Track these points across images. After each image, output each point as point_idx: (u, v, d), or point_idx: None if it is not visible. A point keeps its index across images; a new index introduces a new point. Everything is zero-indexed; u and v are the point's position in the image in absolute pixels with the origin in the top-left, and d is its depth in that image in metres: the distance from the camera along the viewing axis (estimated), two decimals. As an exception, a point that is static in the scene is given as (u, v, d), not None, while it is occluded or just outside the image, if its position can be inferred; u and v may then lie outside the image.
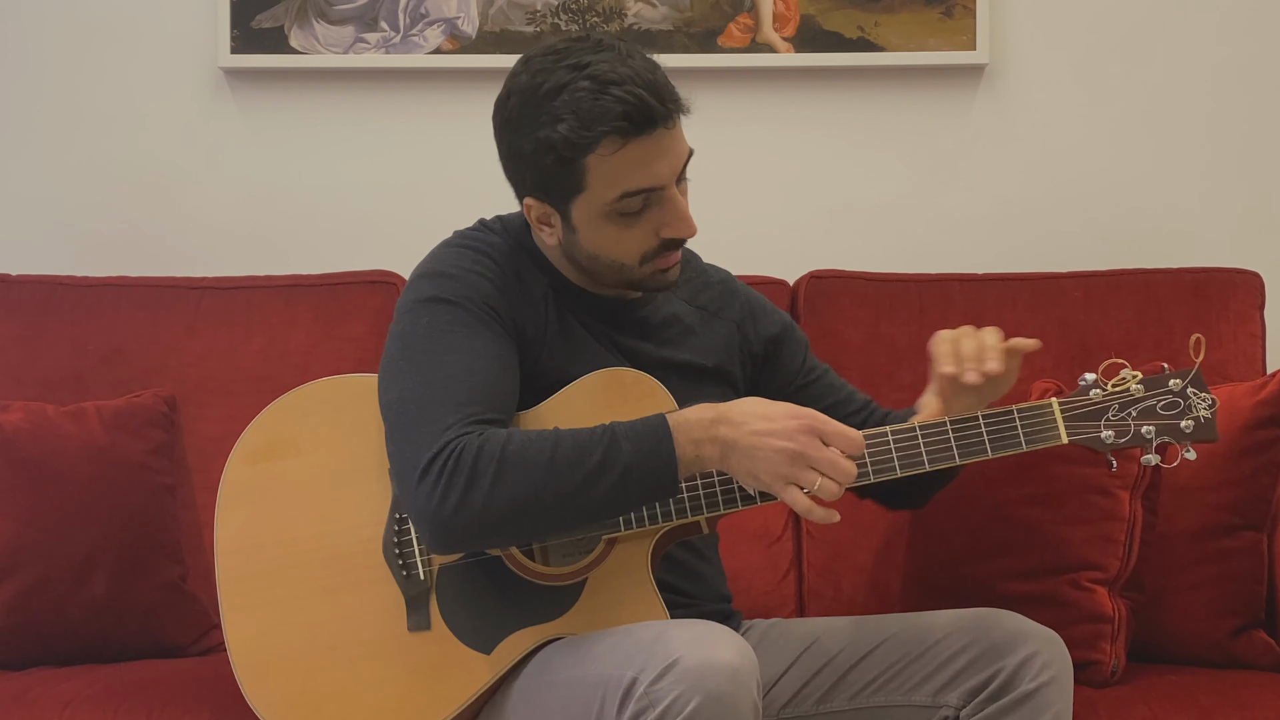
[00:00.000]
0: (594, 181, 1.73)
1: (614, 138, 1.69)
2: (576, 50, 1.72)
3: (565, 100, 1.70)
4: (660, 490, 1.66)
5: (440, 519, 1.64)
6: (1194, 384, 1.74)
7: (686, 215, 1.77)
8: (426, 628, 1.76)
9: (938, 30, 2.75)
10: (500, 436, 1.65)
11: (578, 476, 1.63)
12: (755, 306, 2.02)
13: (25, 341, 2.51)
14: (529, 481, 1.63)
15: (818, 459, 1.62)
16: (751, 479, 1.65)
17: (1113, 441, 1.73)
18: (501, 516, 1.64)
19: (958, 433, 1.73)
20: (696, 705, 1.50)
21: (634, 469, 1.64)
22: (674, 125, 1.73)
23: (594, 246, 1.79)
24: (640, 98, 1.68)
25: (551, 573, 1.76)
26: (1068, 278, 2.57)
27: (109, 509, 2.27)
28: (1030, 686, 1.69)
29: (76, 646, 2.23)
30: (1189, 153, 2.80)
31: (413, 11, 2.78)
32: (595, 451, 1.64)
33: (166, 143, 2.83)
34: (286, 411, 1.85)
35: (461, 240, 1.86)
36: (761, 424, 1.63)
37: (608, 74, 1.69)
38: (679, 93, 1.74)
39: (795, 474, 1.62)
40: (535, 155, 1.74)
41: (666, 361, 1.86)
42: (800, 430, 1.63)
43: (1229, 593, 2.19)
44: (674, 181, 1.75)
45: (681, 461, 1.65)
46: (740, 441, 1.63)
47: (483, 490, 1.62)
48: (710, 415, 1.66)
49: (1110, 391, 1.75)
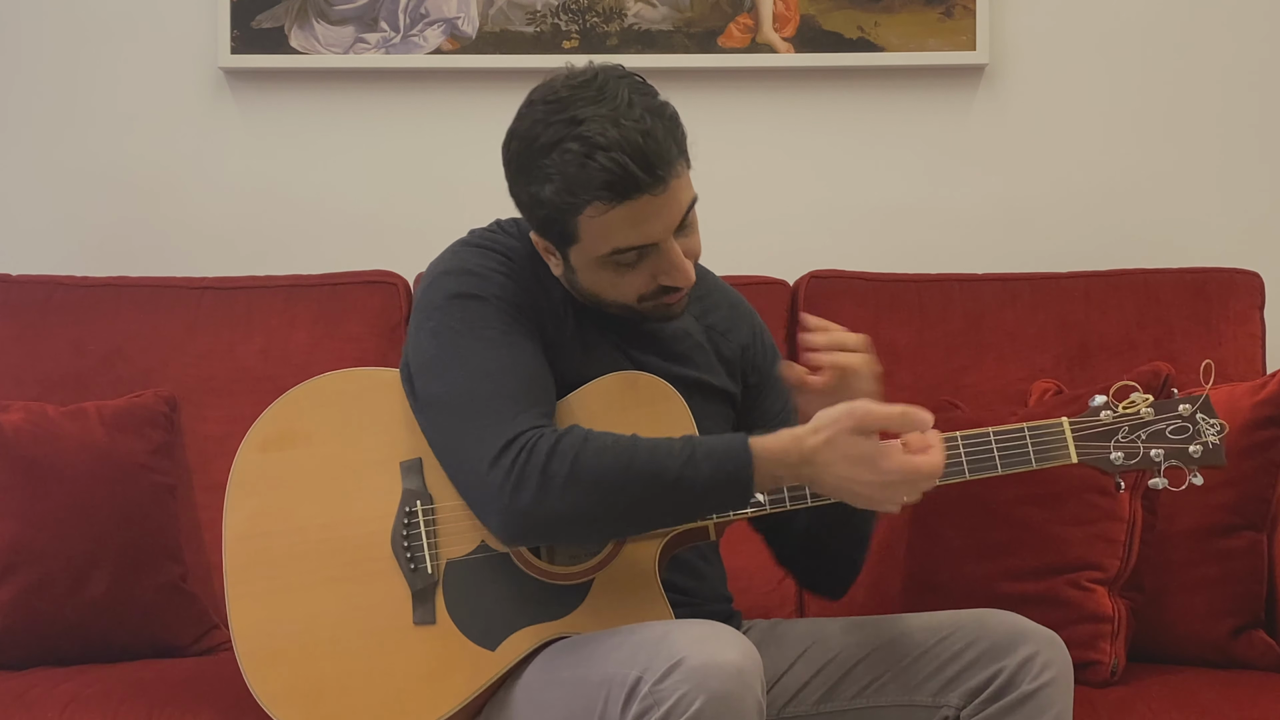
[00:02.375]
0: (585, 237, 1.72)
1: (597, 204, 1.68)
2: (577, 101, 1.68)
3: (554, 160, 1.68)
4: (730, 508, 1.71)
5: (514, 511, 1.65)
6: (1203, 409, 1.76)
7: (682, 266, 1.75)
8: (432, 622, 1.76)
9: (938, 30, 2.75)
10: (579, 435, 1.66)
11: (653, 488, 1.65)
12: (759, 334, 2.01)
13: (25, 341, 2.51)
14: (604, 486, 1.64)
15: (900, 485, 1.64)
16: (844, 498, 1.69)
17: (1122, 463, 1.75)
18: (572, 516, 1.65)
19: (969, 450, 1.74)
20: (701, 705, 1.50)
21: (711, 492, 1.66)
22: (664, 190, 1.69)
23: (593, 287, 1.79)
24: (625, 166, 1.65)
25: (559, 571, 1.77)
26: (1068, 278, 2.57)
27: (109, 509, 2.27)
28: (1031, 687, 1.68)
29: (76, 646, 2.23)
30: (1189, 153, 2.80)
31: (413, 12, 2.78)
32: (673, 466, 1.64)
33: (167, 143, 2.83)
34: (300, 402, 1.85)
35: (480, 240, 1.85)
36: (845, 470, 1.64)
37: (596, 137, 1.65)
38: (676, 147, 1.70)
39: (893, 498, 1.66)
40: (531, 206, 1.74)
41: (675, 376, 1.85)
42: (887, 471, 1.63)
43: (1229, 593, 2.19)
44: (669, 236, 1.73)
45: (758, 489, 1.68)
46: (826, 484, 1.66)
47: (557, 488, 1.63)
48: (795, 456, 1.66)
49: (1121, 413, 1.76)
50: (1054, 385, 2.36)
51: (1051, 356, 2.50)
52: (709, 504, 1.69)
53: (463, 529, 1.77)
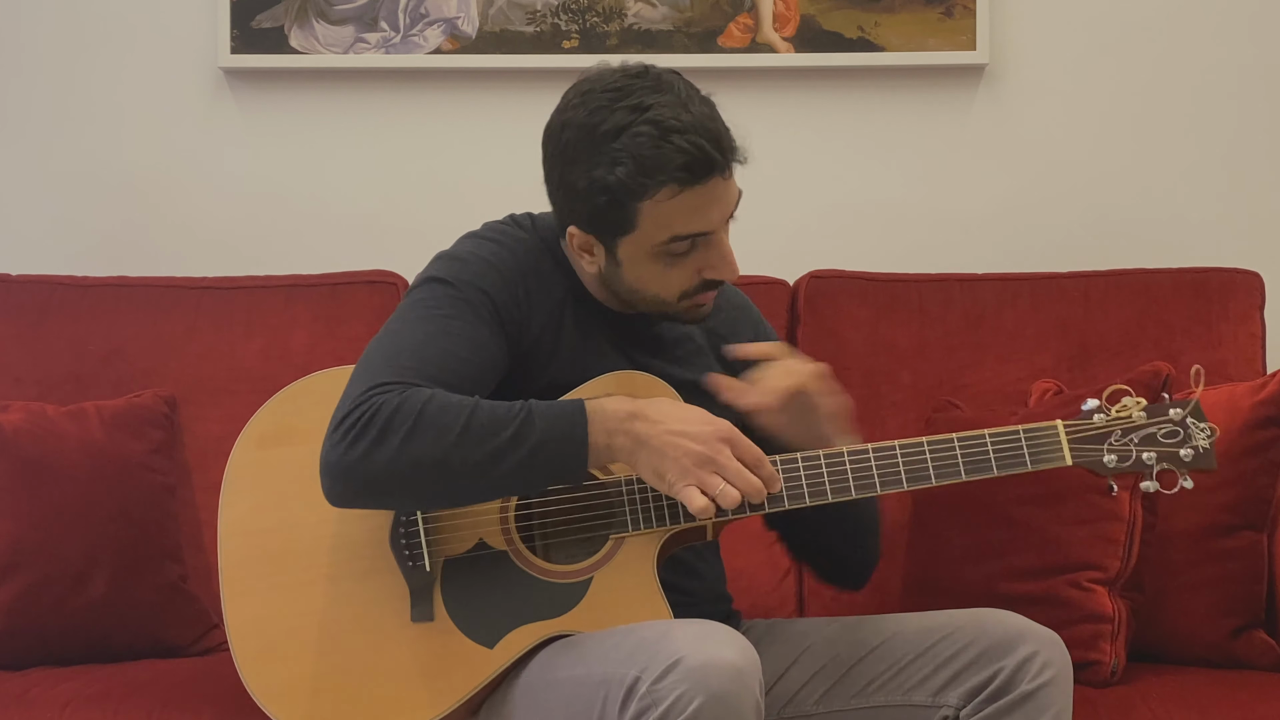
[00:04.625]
0: (645, 223, 1.72)
1: (672, 186, 1.69)
2: (637, 90, 1.70)
3: (625, 143, 1.68)
4: (566, 473, 1.68)
5: (341, 467, 1.64)
6: (1194, 414, 1.77)
7: (731, 260, 1.78)
8: (430, 619, 1.76)
9: (938, 30, 2.75)
10: (421, 395, 1.65)
11: (488, 447, 1.64)
12: (763, 337, 2.01)
13: (25, 341, 2.51)
14: (440, 444, 1.63)
15: (725, 467, 1.65)
16: (656, 477, 1.67)
17: (1115, 466, 1.76)
18: (405, 474, 1.64)
19: (965, 452, 1.74)
20: (699, 705, 1.50)
21: (543, 447, 1.64)
22: (730, 175, 1.73)
23: (636, 282, 1.79)
24: (702, 148, 1.68)
25: (557, 570, 1.76)
26: (1068, 278, 2.57)
27: (109, 509, 2.27)
28: (1030, 686, 1.68)
29: (76, 646, 2.23)
30: (1189, 153, 2.80)
31: (413, 11, 2.78)
32: (509, 425, 1.64)
33: (167, 143, 2.83)
34: (296, 399, 1.85)
35: (487, 231, 1.86)
36: (677, 424, 1.66)
37: (669, 120, 1.67)
38: (736, 140, 1.74)
39: (701, 476, 1.65)
40: (588, 193, 1.72)
41: (676, 380, 1.85)
42: (714, 436, 1.66)
43: (1229, 593, 2.19)
44: (722, 225, 1.76)
45: (592, 449, 1.66)
46: (653, 439, 1.65)
47: (392, 445, 1.62)
48: (628, 409, 1.67)
49: (1113, 417, 1.77)
50: (1054, 385, 2.36)
51: (1051, 356, 2.50)
52: (545, 462, 1.65)
53: (460, 526, 1.77)
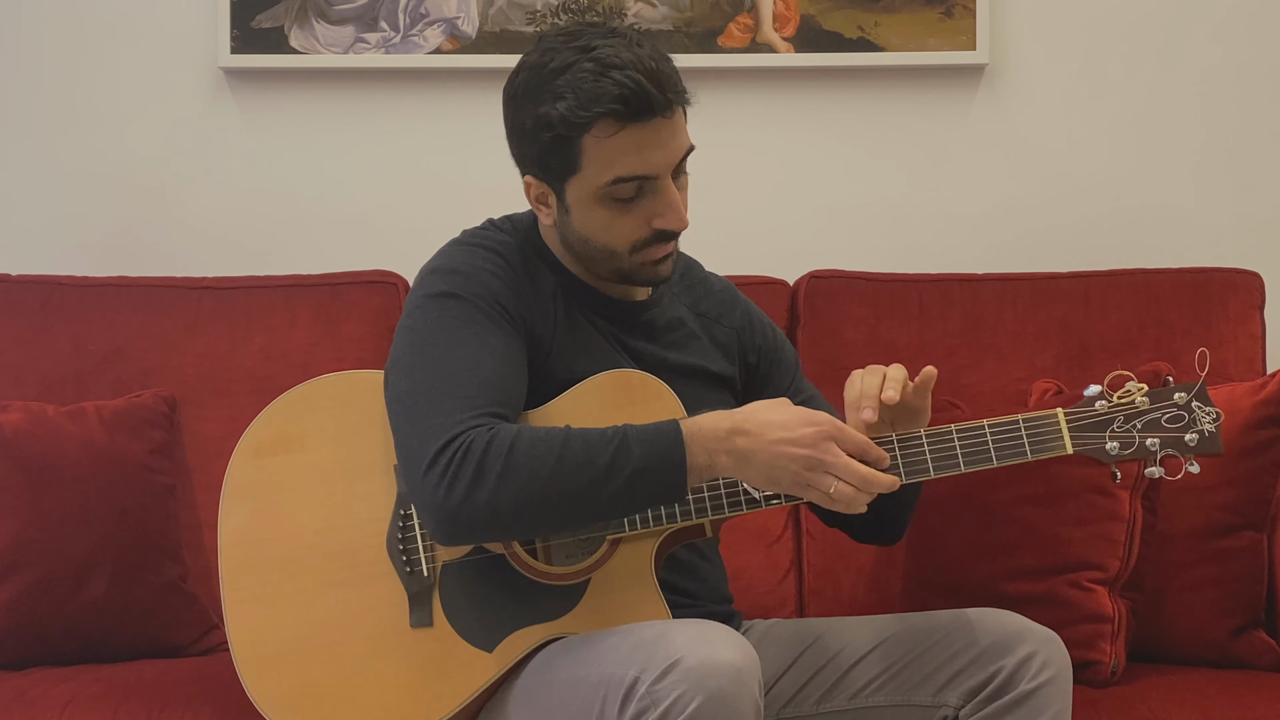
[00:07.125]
0: (588, 163, 1.74)
1: (609, 120, 1.71)
2: (588, 34, 1.75)
3: (567, 80, 1.72)
4: (667, 496, 1.67)
5: (446, 511, 1.64)
6: (1199, 397, 1.73)
7: (678, 207, 1.77)
8: (429, 624, 1.76)
9: (938, 30, 2.75)
10: (510, 431, 1.65)
11: (585, 476, 1.64)
12: (754, 317, 2.02)
13: (25, 341, 2.51)
14: (536, 478, 1.63)
15: (835, 465, 1.64)
16: (771, 485, 1.67)
17: (1117, 453, 1.73)
18: (507, 512, 1.64)
19: (963, 441, 1.73)
20: (698, 705, 1.50)
21: (643, 473, 1.64)
22: (673, 115, 1.74)
23: (585, 229, 1.79)
24: (638, 83, 1.70)
25: (555, 572, 1.77)
26: (1067, 278, 2.57)
27: (109, 509, 2.27)
28: (1030, 686, 1.69)
29: (76, 646, 2.23)
30: (1189, 153, 2.80)
31: (413, 11, 2.78)
32: (605, 453, 1.64)
33: (167, 143, 2.83)
34: (292, 406, 1.85)
35: (471, 239, 1.86)
36: (779, 432, 1.65)
37: (610, 58, 1.71)
38: (683, 85, 1.76)
39: (815, 479, 1.64)
40: (535, 131, 1.75)
41: (671, 364, 1.86)
42: (819, 437, 1.64)
43: (1229, 593, 2.19)
44: (669, 173, 1.76)
45: (692, 470, 1.66)
46: (758, 454, 1.65)
47: (489, 484, 1.63)
48: (726, 425, 1.66)
49: (1115, 403, 1.74)
50: (1054, 385, 2.36)
51: (1051, 356, 2.50)
52: (645, 488, 1.65)
53: None
